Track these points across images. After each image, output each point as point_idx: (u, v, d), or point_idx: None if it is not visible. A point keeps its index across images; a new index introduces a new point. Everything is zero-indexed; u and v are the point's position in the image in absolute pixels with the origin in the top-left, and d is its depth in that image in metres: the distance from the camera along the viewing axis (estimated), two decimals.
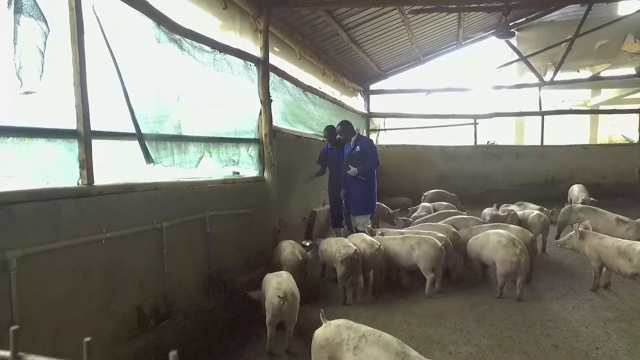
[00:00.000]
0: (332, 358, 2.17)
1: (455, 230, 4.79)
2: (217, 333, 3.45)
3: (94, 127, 2.61)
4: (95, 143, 2.66)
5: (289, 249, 4.12)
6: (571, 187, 8.38)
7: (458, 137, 11.45)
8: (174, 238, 3.19)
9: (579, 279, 4.47)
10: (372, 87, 10.76)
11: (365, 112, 10.60)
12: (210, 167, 4.04)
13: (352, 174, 5.38)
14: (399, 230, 4.96)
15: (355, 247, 4.00)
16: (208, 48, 3.91)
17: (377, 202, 5.89)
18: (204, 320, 3.51)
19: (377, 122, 11.27)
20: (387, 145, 10.71)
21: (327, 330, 2.25)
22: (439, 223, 5.20)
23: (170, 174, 3.40)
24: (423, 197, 8.41)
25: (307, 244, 6.10)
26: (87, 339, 0.77)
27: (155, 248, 3.03)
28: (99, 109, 2.73)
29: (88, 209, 2.47)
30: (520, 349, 2.99)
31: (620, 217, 5.28)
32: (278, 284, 3.13)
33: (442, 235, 4.44)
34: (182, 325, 3.23)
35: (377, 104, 11.08)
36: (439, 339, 3.18)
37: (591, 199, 7.28)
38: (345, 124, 5.67)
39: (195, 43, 3.72)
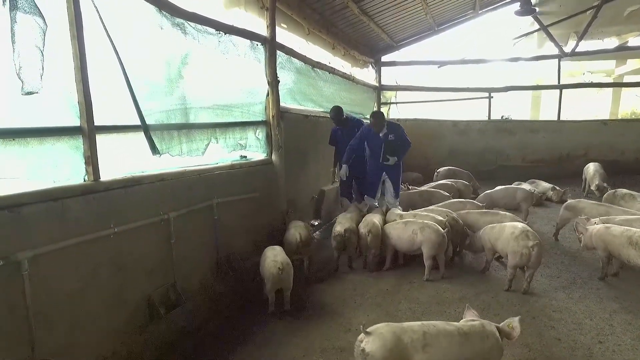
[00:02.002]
0: None
1: (454, 215, 4.73)
2: (227, 316, 3.56)
3: (98, 122, 2.60)
4: (101, 138, 2.66)
5: (291, 230, 4.34)
6: (587, 165, 8.17)
7: (472, 111, 11.15)
8: (181, 227, 3.23)
9: (588, 266, 4.43)
10: (384, 58, 10.40)
11: (377, 84, 10.33)
12: (218, 152, 4.03)
13: (392, 163, 5.52)
14: (399, 213, 4.96)
15: (346, 228, 4.37)
16: (212, 30, 3.78)
17: None
18: (214, 304, 3.62)
19: (388, 95, 11.00)
20: (398, 119, 10.50)
21: (387, 343, 2.15)
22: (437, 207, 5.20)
23: (177, 163, 3.40)
24: (435, 174, 8.31)
25: (316, 223, 6.15)
26: None
27: (163, 239, 3.08)
28: (103, 102, 2.71)
29: (95, 205, 2.50)
30: (522, 341, 3.01)
31: None
32: (274, 256, 3.59)
33: (442, 219, 4.45)
34: (192, 311, 3.33)
35: (389, 76, 10.77)
36: None
37: (604, 184, 7.08)
38: (377, 115, 5.58)
39: (199, 26, 3.61)
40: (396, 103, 11.05)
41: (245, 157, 4.39)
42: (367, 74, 9.97)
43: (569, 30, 10.20)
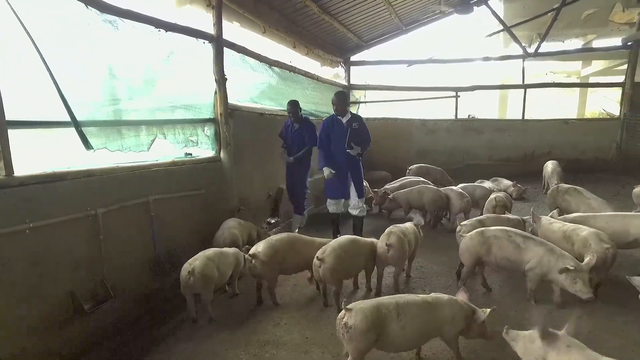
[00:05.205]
0: (378, 335, 2.40)
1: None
2: (163, 313, 3.56)
3: (27, 117, 2.62)
4: (26, 133, 2.68)
5: (218, 231, 4.31)
6: (546, 164, 8.38)
7: (440, 110, 11.32)
8: (112, 223, 3.23)
9: None
10: (354, 58, 10.49)
11: (346, 84, 10.41)
12: (168, 149, 4.03)
13: (354, 153, 5.06)
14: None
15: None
16: (152, 28, 3.78)
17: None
18: (150, 301, 3.62)
19: (357, 94, 11.09)
20: (367, 119, 10.52)
21: (368, 315, 2.39)
22: None
23: (113, 159, 3.39)
24: (408, 171, 8.40)
25: (273, 221, 6.16)
26: None
27: (90, 234, 3.07)
28: (26, 98, 2.72)
29: (7, 201, 2.49)
30: None
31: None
32: (194, 259, 3.37)
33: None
34: (124, 308, 3.33)
35: (359, 75, 10.86)
36: None
37: (561, 184, 7.25)
38: (340, 95, 5.26)
39: (136, 23, 3.60)
40: (365, 102, 11.15)
41: (190, 154, 4.39)
42: (335, 74, 10.04)
43: (533, 32, 10.44)
